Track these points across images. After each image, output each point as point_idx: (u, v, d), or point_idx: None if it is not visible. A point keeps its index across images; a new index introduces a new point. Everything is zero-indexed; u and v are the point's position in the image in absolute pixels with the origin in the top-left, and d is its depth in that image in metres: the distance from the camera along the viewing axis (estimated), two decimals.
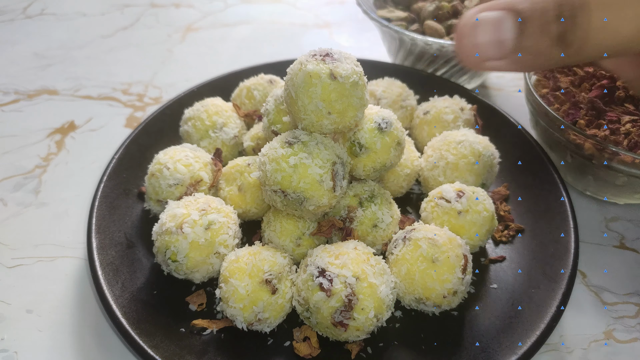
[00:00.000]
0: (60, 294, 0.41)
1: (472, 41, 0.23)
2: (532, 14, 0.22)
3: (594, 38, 0.21)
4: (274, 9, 0.82)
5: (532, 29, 0.22)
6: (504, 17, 0.23)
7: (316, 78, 0.30)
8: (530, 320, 0.35)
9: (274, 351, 0.35)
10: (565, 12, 0.21)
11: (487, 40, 0.23)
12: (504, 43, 0.23)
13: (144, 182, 0.45)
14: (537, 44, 0.22)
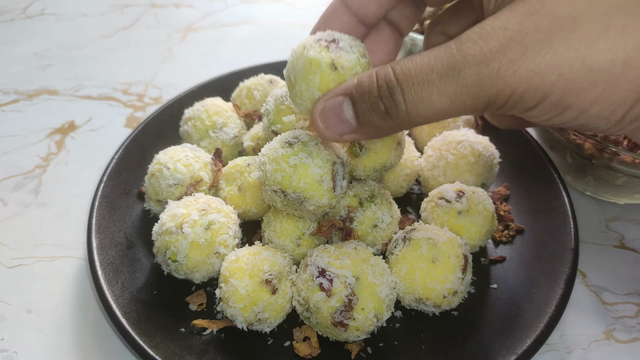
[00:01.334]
0: (60, 294, 0.41)
1: (325, 124, 0.28)
2: (360, 96, 0.26)
3: (414, 111, 0.24)
4: (274, 9, 0.82)
5: (363, 108, 0.26)
6: (341, 101, 0.27)
7: (316, 66, 0.29)
8: (530, 320, 0.35)
9: (274, 351, 0.35)
10: (384, 92, 0.25)
11: (335, 122, 0.27)
12: (349, 121, 0.27)
13: (144, 182, 0.45)
14: (372, 119, 0.26)
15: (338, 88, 0.27)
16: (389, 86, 0.24)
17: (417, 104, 0.24)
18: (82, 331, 0.39)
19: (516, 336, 0.34)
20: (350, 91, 0.26)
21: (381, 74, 0.25)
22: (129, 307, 0.36)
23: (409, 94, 0.24)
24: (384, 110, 0.25)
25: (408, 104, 0.24)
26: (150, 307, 0.37)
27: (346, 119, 0.27)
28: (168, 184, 0.41)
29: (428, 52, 0.24)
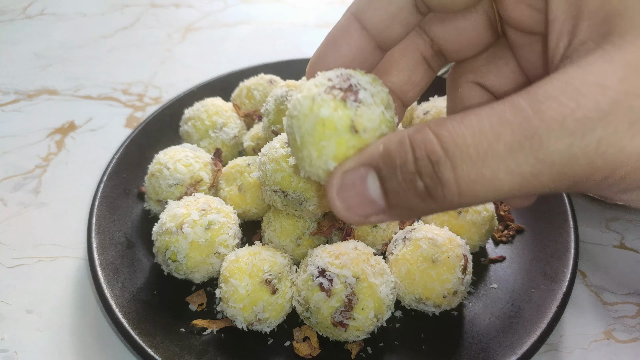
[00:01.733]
0: (60, 294, 0.41)
1: (345, 205, 0.20)
2: (389, 170, 0.19)
3: (470, 192, 0.17)
4: (274, 9, 0.82)
5: (393, 186, 0.19)
6: (364, 175, 0.20)
7: (331, 129, 0.21)
8: (530, 320, 0.35)
9: (274, 351, 0.35)
10: (424, 168, 0.18)
11: (359, 202, 0.20)
12: (375, 201, 0.20)
13: (144, 182, 0.45)
14: (406, 200, 0.19)
15: (359, 157, 0.20)
16: (433, 160, 0.17)
17: (474, 184, 0.17)
18: (82, 331, 0.38)
19: (516, 336, 0.34)
20: (375, 162, 0.19)
21: (419, 141, 0.18)
22: (129, 307, 0.36)
23: (463, 171, 0.17)
24: (424, 191, 0.18)
25: (461, 183, 0.17)
26: (150, 307, 0.37)
27: (372, 198, 0.20)
28: (168, 184, 0.41)
29: (485, 111, 0.17)
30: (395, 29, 0.23)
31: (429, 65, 0.26)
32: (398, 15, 0.22)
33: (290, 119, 0.22)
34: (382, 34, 0.23)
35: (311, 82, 0.22)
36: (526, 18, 0.22)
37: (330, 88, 0.21)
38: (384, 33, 0.23)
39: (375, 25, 0.23)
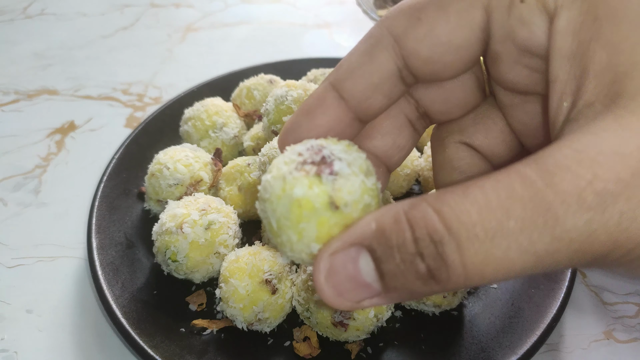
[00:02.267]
0: (60, 294, 0.41)
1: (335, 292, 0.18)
2: (385, 251, 0.17)
3: (477, 273, 0.15)
4: (274, 9, 0.82)
5: (390, 269, 0.17)
6: (355, 257, 0.17)
7: (308, 210, 0.18)
8: (530, 320, 0.35)
9: (274, 351, 0.35)
10: (426, 249, 0.16)
11: (351, 287, 0.18)
12: (370, 285, 0.17)
13: (144, 182, 0.45)
14: (405, 284, 0.17)
15: (347, 236, 0.18)
16: (435, 240, 0.16)
17: (482, 265, 0.15)
18: (82, 331, 0.38)
19: (516, 336, 0.34)
20: (368, 242, 0.17)
21: (418, 219, 0.16)
22: (129, 307, 0.36)
23: (469, 252, 0.15)
24: (426, 273, 0.16)
25: (468, 265, 0.15)
26: (150, 307, 0.37)
27: (365, 281, 0.17)
28: (168, 184, 0.42)
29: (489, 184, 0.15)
30: (377, 100, 0.21)
31: (414, 128, 0.24)
32: (380, 86, 0.20)
33: (262, 202, 0.19)
34: (362, 105, 0.21)
35: (280, 159, 0.19)
36: (522, 79, 0.20)
37: (301, 164, 0.18)
38: (363, 104, 0.21)
39: (355, 96, 0.21)
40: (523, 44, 0.19)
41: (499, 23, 0.19)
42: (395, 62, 0.20)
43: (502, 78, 0.21)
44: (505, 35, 0.19)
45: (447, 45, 0.20)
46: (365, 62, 0.21)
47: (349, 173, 0.18)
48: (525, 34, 0.19)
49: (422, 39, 0.20)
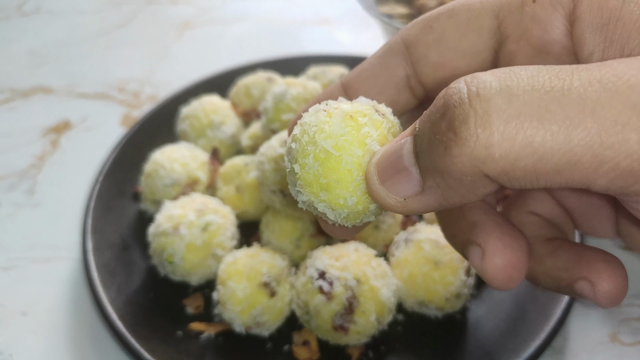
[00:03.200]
0: (55, 296, 0.41)
1: (381, 179, 0.17)
2: (420, 127, 0.16)
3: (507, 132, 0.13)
4: (273, 5, 0.81)
5: (423, 142, 0.15)
6: (402, 144, 0.17)
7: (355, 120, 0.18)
8: (535, 323, 0.34)
9: (273, 355, 0.35)
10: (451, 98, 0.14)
11: (392, 173, 0.17)
12: (410, 173, 0.16)
13: (139, 182, 0.44)
14: (431, 156, 0.15)
15: (402, 133, 0.17)
16: (471, 87, 0.14)
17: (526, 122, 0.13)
18: (77, 334, 0.38)
19: (520, 339, 0.33)
20: (414, 127, 0.16)
21: (454, 83, 0.15)
22: (125, 310, 0.35)
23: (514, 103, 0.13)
24: (447, 128, 0.14)
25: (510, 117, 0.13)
26: (146, 309, 0.36)
27: (404, 165, 0.16)
28: (164, 184, 0.41)
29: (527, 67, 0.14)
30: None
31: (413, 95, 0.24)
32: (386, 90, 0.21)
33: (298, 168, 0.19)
34: None
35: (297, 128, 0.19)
36: None
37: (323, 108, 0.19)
38: None
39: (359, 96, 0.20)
40: (538, 42, 0.19)
41: (513, 23, 0.19)
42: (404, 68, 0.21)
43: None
44: (520, 35, 0.19)
45: (456, 51, 0.20)
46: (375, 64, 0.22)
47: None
48: (539, 32, 0.19)
49: (432, 45, 0.20)
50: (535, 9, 0.19)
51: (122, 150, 0.46)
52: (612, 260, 0.18)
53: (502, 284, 0.18)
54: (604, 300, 0.18)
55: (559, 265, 0.19)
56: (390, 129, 0.18)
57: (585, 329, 0.38)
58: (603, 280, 0.18)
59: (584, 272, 0.18)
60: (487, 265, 0.18)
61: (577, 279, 0.18)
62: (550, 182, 0.14)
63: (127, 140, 0.47)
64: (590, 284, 0.18)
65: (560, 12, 0.18)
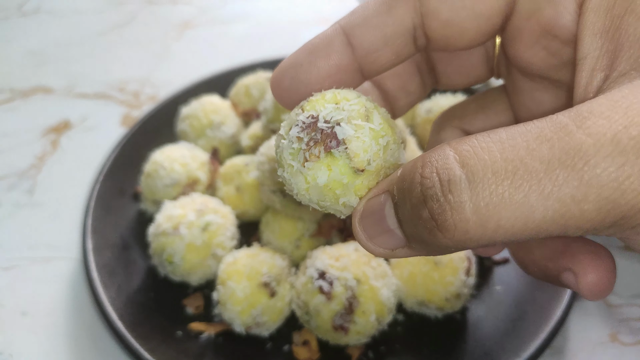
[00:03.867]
0: (55, 296, 0.41)
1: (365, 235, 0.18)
2: (400, 196, 0.16)
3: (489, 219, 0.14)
4: (273, 5, 0.81)
5: (404, 214, 0.16)
6: (383, 202, 0.17)
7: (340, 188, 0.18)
8: (534, 323, 0.34)
9: (273, 355, 0.35)
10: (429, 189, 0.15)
11: (377, 231, 0.17)
12: (394, 232, 0.17)
13: (139, 182, 0.44)
14: (416, 232, 0.16)
15: (381, 183, 0.18)
16: (442, 178, 0.15)
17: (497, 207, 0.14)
18: (77, 334, 0.38)
19: (520, 340, 0.33)
20: (391, 187, 0.17)
21: (432, 159, 0.15)
22: (125, 310, 0.35)
23: (485, 192, 0.14)
24: (429, 219, 0.15)
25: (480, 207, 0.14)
26: (146, 309, 0.36)
27: (389, 227, 0.17)
28: (164, 184, 0.41)
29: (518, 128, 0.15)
30: (385, 55, 0.20)
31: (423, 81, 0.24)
32: (392, 40, 0.20)
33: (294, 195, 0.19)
34: (369, 57, 0.20)
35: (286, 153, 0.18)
36: (538, 60, 0.20)
37: (307, 150, 0.18)
38: (371, 56, 0.20)
39: (364, 45, 0.20)
40: (548, 22, 0.19)
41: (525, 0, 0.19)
42: (413, 19, 0.20)
43: (518, 56, 0.20)
44: (531, 12, 0.19)
45: (469, 11, 0.19)
46: (382, 12, 0.20)
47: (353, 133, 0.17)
48: (551, 13, 0.19)
49: (447, 1, 0.19)
50: None
51: (122, 150, 0.46)
52: (599, 252, 0.18)
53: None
54: (588, 293, 0.18)
55: (546, 255, 0.19)
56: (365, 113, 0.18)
57: (585, 329, 0.38)
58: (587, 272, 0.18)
59: (569, 262, 0.18)
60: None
61: (563, 269, 0.18)
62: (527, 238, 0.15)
63: (127, 140, 0.47)
64: (574, 275, 0.18)
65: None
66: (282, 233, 0.38)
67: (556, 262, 0.19)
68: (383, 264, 0.34)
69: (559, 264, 0.19)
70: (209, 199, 0.39)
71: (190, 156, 0.42)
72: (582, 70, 0.17)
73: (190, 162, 0.42)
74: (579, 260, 0.18)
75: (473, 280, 0.35)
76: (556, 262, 0.19)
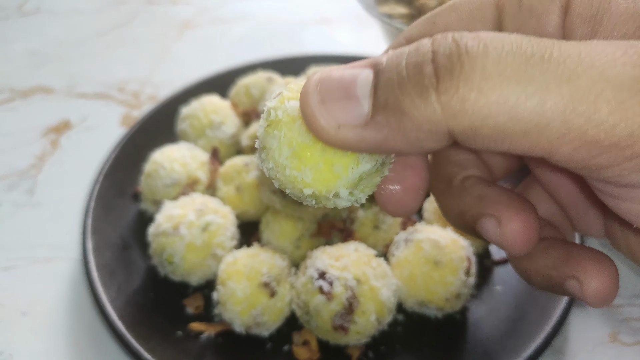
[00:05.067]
0: (55, 296, 0.40)
1: (320, 97, 0.16)
2: (391, 61, 0.15)
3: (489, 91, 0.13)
4: (273, 5, 0.81)
5: (390, 77, 0.15)
6: (356, 73, 0.16)
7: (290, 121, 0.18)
8: (534, 323, 0.34)
9: (273, 355, 0.35)
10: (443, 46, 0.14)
11: (338, 96, 0.16)
12: (359, 101, 0.15)
13: (139, 182, 0.44)
14: (398, 95, 0.14)
15: (356, 62, 0.16)
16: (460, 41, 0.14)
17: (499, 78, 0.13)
18: (77, 334, 0.38)
19: (520, 340, 0.33)
20: (376, 61, 0.16)
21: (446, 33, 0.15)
22: (125, 310, 0.35)
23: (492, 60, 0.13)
24: (432, 75, 0.14)
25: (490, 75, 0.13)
26: (146, 309, 0.36)
27: (355, 93, 0.15)
28: (164, 184, 0.41)
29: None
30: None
31: None
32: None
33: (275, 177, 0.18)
34: None
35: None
36: None
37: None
38: None
39: None
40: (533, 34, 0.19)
41: (510, 15, 0.19)
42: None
43: None
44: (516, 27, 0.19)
45: None
46: None
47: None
48: (534, 24, 0.19)
49: None
50: (532, 2, 0.19)
51: (122, 150, 0.46)
52: (602, 258, 0.18)
53: (522, 247, 0.18)
54: (593, 299, 0.18)
55: (549, 263, 0.19)
56: None
57: (585, 329, 0.38)
58: (591, 279, 0.18)
59: (572, 270, 0.18)
60: (504, 233, 0.18)
61: (567, 277, 0.18)
62: (514, 146, 0.14)
63: (127, 140, 0.47)
64: (579, 282, 0.18)
65: (556, 4, 0.18)
66: (282, 233, 0.38)
67: (560, 270, 0.19)
68: (383, 264, 0.34)
69: (563, 272, 0.18)
70: (209, 199, 0.39)
71: (190, 156, 0.42)
72: None
73: (190, 162, 0.42)
74: (583, 267, 0.18)
75: (473, 280, 0.35)
76: (560, 270, 0.18)
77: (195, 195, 0.39)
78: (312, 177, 0.16)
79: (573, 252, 0.19)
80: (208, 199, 0.39)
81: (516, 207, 0.18)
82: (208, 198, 0.39)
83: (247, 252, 0.36)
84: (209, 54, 0.70)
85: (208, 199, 0.39)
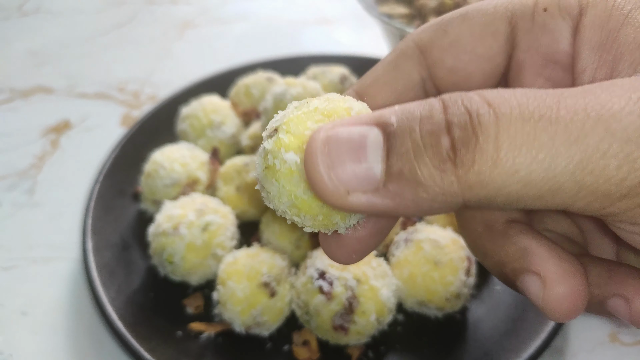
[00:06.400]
0: (55, 296, 0.40)
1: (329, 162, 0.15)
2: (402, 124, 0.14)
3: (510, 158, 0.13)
4: (273, 5, 0.81)
5: (404, 145, 0.14)
6: (365, 133, 0.14)
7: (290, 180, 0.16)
8: (534, 323, 0.34)
9: (273, 355, 0.35)
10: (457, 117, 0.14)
11: (348, 159, 0.14)
12: (371, 168, 0.14)
13: (139, 182, 0.44)
14: (414, 166, 0.14)
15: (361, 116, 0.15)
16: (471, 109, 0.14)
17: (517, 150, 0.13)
18: (77, 334, 0.38)
19: (520, 340, 0.33)
20: (384, 120, 0.15)
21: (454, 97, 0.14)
22: (125, 310, 0.35)
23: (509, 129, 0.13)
24: (449, 148, 0.14)
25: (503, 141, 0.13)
26: (146, 309, 0.36)
27: (367, 156, 0.14)
28: (164, 184, 0.41)
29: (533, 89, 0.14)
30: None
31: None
32: (404, 95, 0.20)
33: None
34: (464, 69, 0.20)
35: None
36: None
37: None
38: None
39: (377, 103, 0.20)
40: (546, 51, 0.19)
41: (523, 31, 0.19)
42: (420, 72, 0.21)
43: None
44: (529, 44, 0.19)
45: (471, 54, 0.20)
46: (390, 70, 0.21)
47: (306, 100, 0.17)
48: (548, 41, 0.19)
49: (447, 48, 0.20)
50: (545, 19, 0.19)
51: (122, 150, 0.46)
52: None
53: (566, 315, 0.16)
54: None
55: (590, 281, 0.18)
56: None
57: (585, 329, 0.38)
58: (637, 297, 0.17)
59: (617, 288, 0.17)
60: (549, 296, 0.16)
61: (610, 295, 0.17)
62: (529, 206, 0.14)
63: (127, 140, 0.47)
64: (626, 301, 0.17)
65: (568, 23, 0.18)
66: (282, 233, 0.38)
67: (602, 288, 0.17)
68: (383, 264, 0.34)
69: (606, 290, 0.17)
70: (209, 199, 0.39)
71: (190, 156, 0.42)
72: (581, 83, 0.18)
73: (190, 162, 0.42)
74: (630, 285, 0.17)
75: (473, 280, 0.35)
76: (602, 289, 0.17)
77: (195, 195, 0.39)
78: (312, 223, 0.17)
79: (615, 270, 0.18)
80: (208, 199, 0.39)
81: (565, 269, 0.16)
82: (208, 198, 0.39)
83: (247, 252, 0.36)
84: (209, 54, 0.70)
85: (208, 199, 0.39)
